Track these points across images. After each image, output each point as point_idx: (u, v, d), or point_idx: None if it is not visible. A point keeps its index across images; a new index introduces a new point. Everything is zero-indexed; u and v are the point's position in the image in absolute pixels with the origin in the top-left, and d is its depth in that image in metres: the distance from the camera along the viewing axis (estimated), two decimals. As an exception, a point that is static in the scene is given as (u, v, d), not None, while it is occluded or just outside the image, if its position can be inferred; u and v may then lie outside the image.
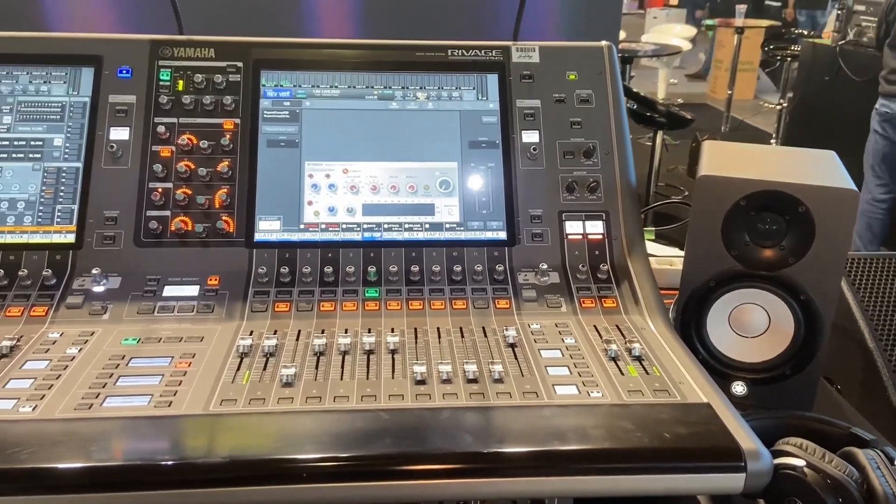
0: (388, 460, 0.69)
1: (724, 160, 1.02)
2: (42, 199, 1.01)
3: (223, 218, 1.01)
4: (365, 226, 1.04)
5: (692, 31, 8.04)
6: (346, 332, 0.91)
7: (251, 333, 0.90)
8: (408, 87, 1.10)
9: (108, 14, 1.96)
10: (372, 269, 0.99)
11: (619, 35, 2.92)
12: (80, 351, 0.86)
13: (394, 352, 0.87)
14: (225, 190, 1.03)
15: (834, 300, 0.97)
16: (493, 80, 1.12)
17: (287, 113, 1.08)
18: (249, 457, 0.69)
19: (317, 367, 0.84)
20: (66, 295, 0.95)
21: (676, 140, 5.56)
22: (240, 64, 1.09)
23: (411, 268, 1.00)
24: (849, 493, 0.73)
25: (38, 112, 1.04)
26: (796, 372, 0.98)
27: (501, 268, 1.01)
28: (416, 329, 0.93)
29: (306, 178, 1.05)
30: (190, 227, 1.01)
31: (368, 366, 0.84)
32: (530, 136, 1.09)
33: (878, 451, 0.78)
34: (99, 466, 0.67)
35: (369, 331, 0.91)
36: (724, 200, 0.96)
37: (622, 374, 0.84)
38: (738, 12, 6.85)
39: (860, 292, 1.18)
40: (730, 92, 6.84)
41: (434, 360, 0.85)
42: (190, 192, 1.02)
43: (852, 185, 0.93)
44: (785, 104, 5.71)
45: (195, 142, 1.04)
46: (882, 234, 3.82)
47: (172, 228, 1.00)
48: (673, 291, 1.07)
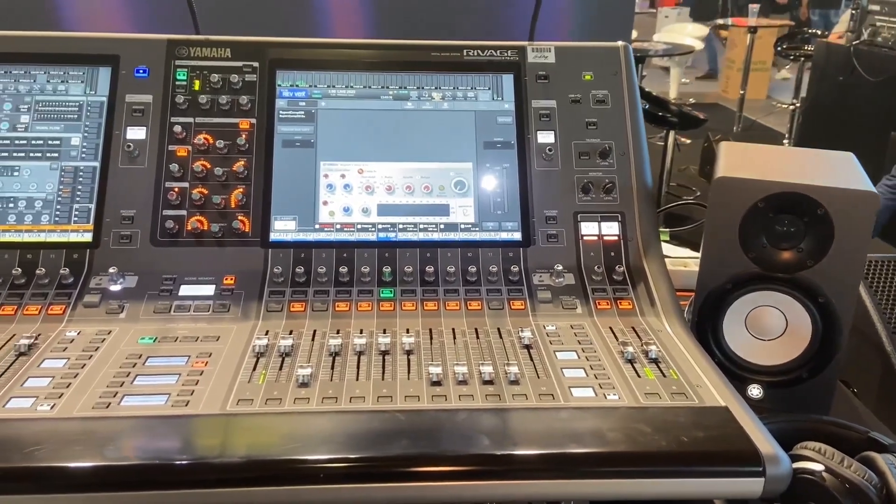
0: (405, 461, 0.69)
1: (741, 161, 1.01)
2: (59, 199, 1.01)
3: (239, 217, 1.01)
4: (380, 226, 1.04)
5: (704, 30, 7.99)
6: (362, 332, 0.91)
7: (267, 333, 0.90)
8: (423, 88, 1.10)
9: (124, 14, 1.97)
10: (387, 269, 0.99)
11: (632, 34, 2.91)
12: (97, 350, 0.86)
13: (409, 352, 0.87)
14: (241, 190, 1.03)
15: (852, 303, 0.96)
16: (508, 80, 1.11)
17: (303, 113, 1.08)
18: (266, 457, 0.69)
19: (332, 368, 0.84)
20: (83, 294, 0.95)
21: (688, 140, 5.53)
22: (256, 64, 1.09)
23: (426, 268, 1.00)
24: (868, 497, 0.73)
25: (55, 111, 1.05)
26: (813, 375, 0.98)
27: (516, 269, 1.01)
28: (430, 330, 0.93)
29: (321, 178, 1.05)
30: (206, 227, 1.01)
31: (384, 366, 0.84)
32: (546, 137, 1.09)
33: (897, 456, 0.78)
34: (116, 465, 0.68)
35: (384, 331, 0.91)
36: (742, 202, 0.95)
37: (639, 376, 0.83)
38: (750, 11, 6.80)
39: (878, 295, 1.17)
40: (742, 92, 6.79)
41: (450, 361, 0.85)
42: (206, 191, 1.03)
43: (871, 188, 0.93)
44: (798, 104, 5.67)
45: (211, 141, 1.04)
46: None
47: (188, 228, 1.01)
48: (687, 293, 1.07)
